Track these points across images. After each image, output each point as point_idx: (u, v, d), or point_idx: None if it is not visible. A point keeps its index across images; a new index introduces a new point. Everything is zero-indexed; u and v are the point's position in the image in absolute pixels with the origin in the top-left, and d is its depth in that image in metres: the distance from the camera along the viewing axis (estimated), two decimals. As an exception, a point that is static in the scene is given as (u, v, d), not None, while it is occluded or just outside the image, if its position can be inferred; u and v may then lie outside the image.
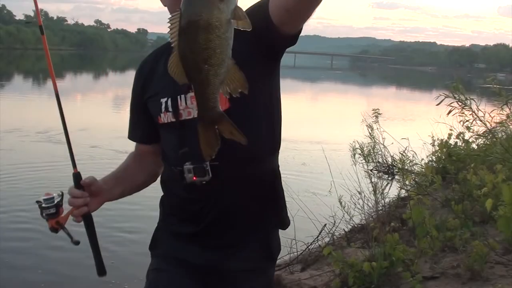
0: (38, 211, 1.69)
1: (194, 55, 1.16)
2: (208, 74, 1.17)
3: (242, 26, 1.15)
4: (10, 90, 23.39)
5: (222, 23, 1.13)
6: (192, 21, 1.13)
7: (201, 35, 1.13)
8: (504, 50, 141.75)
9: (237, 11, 1.15)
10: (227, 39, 1.15)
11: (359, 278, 3.39)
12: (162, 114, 1.62)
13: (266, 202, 1.64)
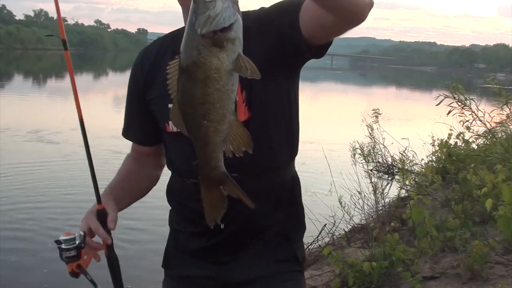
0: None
1: (192, 109, 1.06)
2: (208, 131, 1.07)
3: (250, 75, 1.04)
4: (6, 90, 23.39)
5: (222, 75, 1.03)
6: (189, 71, 1.04)
7: (198, 88, 1.04)
8: (504, 50, 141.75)
9: (240, 61, 1.04)
10: (228, 92, 1.05)
11: (359, 278, 3.39)
12: (170, 122, 1.47)
13: (287, 210, 1.57)
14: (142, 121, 1.62)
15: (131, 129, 1.69)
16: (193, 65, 1.03)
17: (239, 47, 1.04)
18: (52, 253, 5.12)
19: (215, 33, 1.00)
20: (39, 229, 5.58)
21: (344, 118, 16.17)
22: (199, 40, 1.01)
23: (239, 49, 1.04)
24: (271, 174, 1.50)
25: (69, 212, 6.00)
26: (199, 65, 1.02)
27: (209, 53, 1.01)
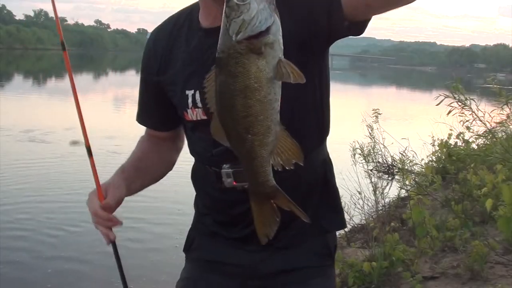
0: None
1: (235, 123, 0.99)
2: (253, 145, 1.00)
3: (294, 81, 0.96)
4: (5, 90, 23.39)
5: (263, 84, 0.95)
6: (227, 83, 0.96)
7: (239, 100, 0.96)
8: (504, 50, 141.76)
9: (281, 66, 0.95)
10: (271, 102, 0.97)
11: (359, 278, 3.39)
12: (189, 110, 1.41)
13: (319, 196, 1.46)
14: (158, 107, 1.54)
15: (146, 114, 1.60)
16: (231, 76, 0.95)
17: (279, 51, 0.96)
18: (53, 253, 5.12)
19: (251, 38, 0.93)
20: (39, 228, 5.58)
21: (344, 118, 16.18)
22: (234, 48, 0.94)
23: (280, 53, 0.96)
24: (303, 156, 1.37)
25: (69, 211, 6.01)
26: (237, 75, 0.95)
27: (247, 61, 0.94)
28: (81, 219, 5.39)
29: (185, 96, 1.41)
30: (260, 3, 0.94)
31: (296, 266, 1.45)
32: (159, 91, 1.49)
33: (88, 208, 1.45)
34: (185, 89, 1.41)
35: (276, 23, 0.95)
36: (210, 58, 1.29)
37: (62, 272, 4.60)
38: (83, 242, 5.11)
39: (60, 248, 5.13)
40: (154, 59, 1.49)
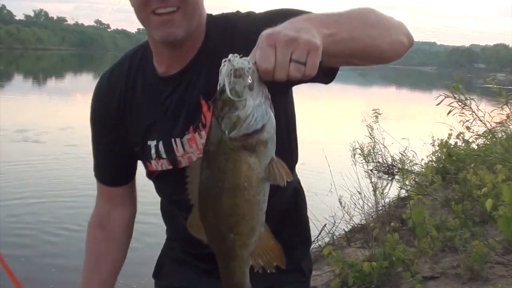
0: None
1: (218, 221, 0.95)
2: (234, 244, 0.96)
3: (283, 183, 0.92)
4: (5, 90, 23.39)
5: (253, 184, 0.90)
6: (215, 178, 0.91)
7: (225, 199, 0.91)
8: (504, 50, 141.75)
9: (273, 167, 0.91)
10: (259, 203, 0.93)
11: (359, 278, 3.39)
12: (153, 161, 1.39)
13: (290, 225, 1.50)
14: (116, 155, 1.49)
15: (103, 168, 1.53)
16: (220, 172, 0.90)
17: (272, 150, 0.92)
18: (54, 252, 5.10)
19: (245, 136, 0.88)
20: (40, 228, 5.58)
21: (344, 118, 16.17)
22: (226, 144, 0.89)
23: (272, 152, 0.92)
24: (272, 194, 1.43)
25: (69, 209, 6.01)
26: (227, 171, 0.90)
27: (239, 158, 0.88)
28: (81, 218, 5.38)
29: (147, 146, 1.38)
30: (256, 98, 0.89)
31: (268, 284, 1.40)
32: (118, 135, 1.44)
33: None
34: (147, 140, 1.38)
35: (271, 120, 0.91)
36: (169, 107, 1.33)
37: (66, 271, 4.60)
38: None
39: (61, 246, 5.13)
40: (109, 103, 1.43)
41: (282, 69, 0.90)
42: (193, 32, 1.29)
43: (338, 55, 1.07)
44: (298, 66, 0.91)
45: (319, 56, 0.93)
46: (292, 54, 0.91)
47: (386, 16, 1.20)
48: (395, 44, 1.18)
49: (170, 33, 1.24)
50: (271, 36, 0.92)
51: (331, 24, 1.04)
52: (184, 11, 1.24)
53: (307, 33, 0.94)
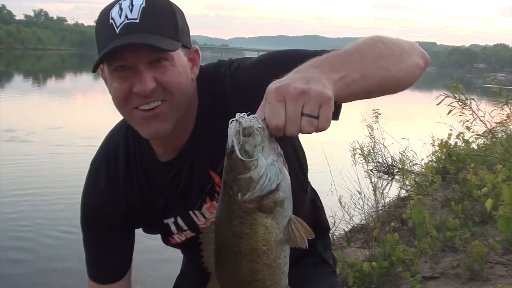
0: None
1: (236, 286, 0.90)
2: None
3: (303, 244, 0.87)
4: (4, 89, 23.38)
5: (272, 247, 0.85)
6: (231, 244, 0.86)
7: (244, 264, 0.86)
8: (504, 50, 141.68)
9: (292, 228, 0.86)
10: (280, 266, 0.88)
11: (359, 278, 3.39)
12: (175, 236, 1.39)
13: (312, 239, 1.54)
14: (116, 251, 1.42)
15: (101, 265, 1.44)
16: (235, 237, 0.85)
17: (289, 209, 0.87)
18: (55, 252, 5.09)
19: (260, 198, 0.83)
20: (39, 229, 5.57)
21: (344, 118, 16.13)
22: (240, 206, 0.84)
23: (290, 212, 0.87)
24: None
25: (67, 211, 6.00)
26: (243, 236, 0.85)
27: (254, 221, 0.84)
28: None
29: (164, 225, 1.36)
30: (268, 157, 0.84)
31: (297, 278, 1.46)
32: (124, 228, 1.38)
33: None
34: (163, 219, 1.36)
35: (286, 178, 0.87)
36: (179, 186, 1.30)
37: (70, 273, 4.59)
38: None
39: (69, 248, 5.12)
40: (118, 200, 1.35)
41: (293, 125, 0.86)
42: (184, 115, 1.21)
43: (352, 95, 1.03)
44: (310, 121, 0.87)
45: (332, 107, 0.89)
46: (304, 107, 0.86)
47: (395, 41, 1.14)
48: (411, 69, 1.13)
49: (157, 130, 1.16)
50: (279, 90, 0.87)
51: (341, 66, 0.98)
52: (170, 103, 1.15)
53: (317, 84, 0.89)
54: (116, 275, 1.44)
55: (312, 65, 0.96)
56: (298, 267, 1.48)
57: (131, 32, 1.10)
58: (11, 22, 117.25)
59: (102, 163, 1.36)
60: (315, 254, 1.55)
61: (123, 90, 1.13)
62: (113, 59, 1.12)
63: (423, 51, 1.18)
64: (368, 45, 1.08)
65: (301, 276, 1.47)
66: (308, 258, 1.53)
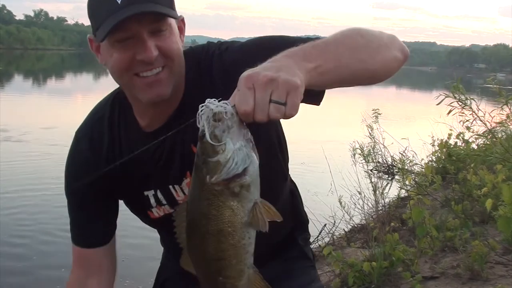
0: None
1: (206, 265, 0.96)
2: (224, 287, 0.96)
3: (264, 228, 0.92)
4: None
5: (237, 228, 0.90)
6: (199, 224, 0.91)
7: (211, 244, 0.92)
8: (504, 50, 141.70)
9: (257, 212, 0.90)
10: (244, 246, 0.93)
11: (359, 278, 3.39)
12: (154, 209, 1.39)
13: (291, 222, 1.57)
14: (98, 218, 1.43)
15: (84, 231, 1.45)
16: (204, 218, 0.90)
17: (255, 193, 0.91)
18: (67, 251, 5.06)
19: (226, 181, 0.88)
20: (40, 231, 5.57)
21: (344, 118, 16.18)
22: (208, 189, 0.88)
23: (256, 195, 0.91)
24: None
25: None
26: (210, 217, 0.89)
27: (221, 203, 0.88)
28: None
29: (144, 197, 1.37)
30: (237, 142, 0.88)
31: (276, 273, 1.50)
32: (105, 193, 1.40)
33: None
34: (143, 190, 1.37)
35: (254, 163, 0.90)
36: (161, 159, 1.32)
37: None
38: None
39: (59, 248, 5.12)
40: (97, 165, 1.36)
41: (261, 111, 0.90)
42: (176, 84, 1.26)
43: (326, 84, 1.08)
44: (277, 107, 0.90)
45: (299, 95, 0.93)
46: (272, 95, 0.90)
47: (375, 33, 1.18)
48: (388, 62, 1.18)
49: (158, 94, 1.21)
50: (250, 77, 0.91)
51: (316, 56, 1.02)
52: (170, 68, 1.21)
53: (288, 72, 0.93)
54: (98, 240, 1.45)
55: (287, 55, 1.00)
56: (279, 261, 1.55)
57: (132, 2, 1.13)
58: (11, 22, 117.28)
59: (87, 133, 1.40)
60: (296, 247, 1.58)
61: (126, 59, 1.17)
62: (116, 31, 1.14)
63: (403, 45, 1.22)
64: (346, 37, 1.12)
65: (282, 270, 1.53)
66: (289, 251, 1.56)
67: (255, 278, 0.98)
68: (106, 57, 1.22)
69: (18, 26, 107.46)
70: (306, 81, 0.96)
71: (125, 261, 4.55)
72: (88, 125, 1.41)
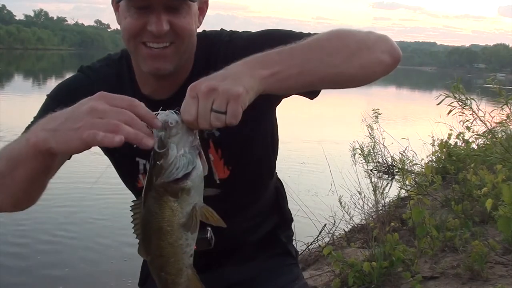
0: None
1: (150, 258, 1.02)
2: (166, 282, 1.03)
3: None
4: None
5: (174, 228, 0.96)
6: (146, 219, 0.98)
7: (153, 240, 0.98)
8: (504, 50, 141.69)
9: (193, 216, 0.96)
10: (182, 247, 0.98)
11: (359, 278, 3.39)
12: (140, 176, 1.38)
13: (275, 219, 1.58)
14: None
15: None
16: (149, 214, 0.97)
17: (195, 198, 0.96)
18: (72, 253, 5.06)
19: (167, 183, 0.94)
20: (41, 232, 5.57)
21: (344, 118, 16.17)
22: (154, 189, 0.95)
23: (196, 200, 0.97)
24: (255, 203, 1.50)
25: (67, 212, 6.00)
26: (153, 214, 0.96)
27: (163, 203, 0.95)
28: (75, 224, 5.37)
29: (135, 162, 1.35)
30: (181, 149, 0.94)
31: (260, 270, 1.53)
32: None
33: None
34: (135, 156, 1.36)
35: (197, 169, 0.95)
36: None
37: (77, 271, 4.58)
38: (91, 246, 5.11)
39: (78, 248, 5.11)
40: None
41: (203, 119, 0.94)
42: (182, 64, 1.27)
43: (291, 89, 1.10)
44: (218, 116, 0.93)
45: (240, 103, 0.94)
46: (213, 104, 0.93)
47: (358, 35, 1.16)
48: (368, 66, 1.15)
49: (159, 68, 1.22)
50: (193, 87, 0.95)
51: (277, 62, 1.03)
52: (177, 46, 1.22)
53: (232, 81, 0.96)
54: None
55: (245, 61, 1.03)
56: (262, 258, 1.55)
57: None
58: (11, 22, 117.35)
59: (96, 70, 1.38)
60: (279, 244, 1.59)
61: (137, 26, 1.19)
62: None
63: (394, 47, 1.20)
64: (319, 41, 1.12)
65: (265, 267, 1.54)
66: (272, 248, 1.57)
67: (193, 279, 1.03)
68: (121, 18, 1.23)
69: (18, 26, 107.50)
70: (260, 87, 0.99)
71: (128, 261, 4.57)
72: (97, 64, 1.41)
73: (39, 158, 0.97)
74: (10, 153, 1.05)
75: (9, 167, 1.04)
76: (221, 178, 1.33)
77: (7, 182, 1.06)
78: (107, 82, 1.33)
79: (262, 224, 1.54)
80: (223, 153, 1.34)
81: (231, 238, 1.38)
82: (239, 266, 1.50)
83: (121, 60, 1.39)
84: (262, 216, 1.54)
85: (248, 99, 0.97)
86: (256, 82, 0.99)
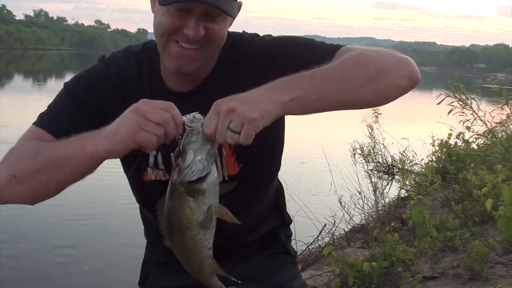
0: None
1: (176, 251, 1.15)
2: (192, 270, 1.17)
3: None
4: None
5: (193, 225, 1.08)
6: (169, 217, 1.10)
7: (176, 234, 1.10)
8: (504, 50, 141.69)
9: (209, 213, 1.08)
10: (201, 241, 1.10)
11: (359, 278, 3.39)
12: (149, 169, 1.36)
13: (274, 220, 1.60)
14: (78, 127, 1.23)
15: (63, 125, 1.29)
16: (171, 211, 1.08)
17: (212, 199, 1.07)
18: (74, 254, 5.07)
19: (183, 184, 1.05)
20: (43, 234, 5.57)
21: (344, 118, 16.15)
22: (176, 186, 1.06)
23: (211, 201, 1.08)
24: (258, 203, 1.53)
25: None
26: (175, 212, 1.08)
27: (182, 201, 1.06)
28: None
29: (144, 153, 1.27)
30: (198, 155, 1.05)
31: (258, 269, 1.55)
32: (104, 119, 1.19)
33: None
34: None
35: (211, 175, 1.06)
36: None
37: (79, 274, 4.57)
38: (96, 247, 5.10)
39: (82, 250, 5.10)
40: (113, 89, 1.33)
41: (220, 135, 1.05)
42: (205, 64, 1.32)
43: (309, 111, 1.17)
44: (232, 135, 1.04)
45: (254, 127, 1.05)
46: (230, 123, 1.04)
47: (379, 59, 1.21)
48: (384, 91, 1.21)
49: (182, 66, 1.27)
50: (218, 104, 1.06)
51: (297, 88, 1.12)
52: (206, 50, 1.26)
53: (250, 105, 1.06)
54: (62, 134, 1.23)
55: (267, 87, 1.12)
56: (262, 256, 1.58)
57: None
58: (11, 22, 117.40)
59: (115, 61, 1.39)
60: (279, 243, 1.61)
61: (175, 26, 1.23)
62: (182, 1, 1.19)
63: (414, 69, 1.24)
64: (340, 69, 1.19)
65: (265, 265, 1.57)
66: (272, 247, 1.59)
67: (215, 266, 1.16)
68: (158, 11, 1.25)
69: (18, 26, 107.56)
70: (279, 112, 1.10)
71: (139, 259, 4.52)
72: (117, 56, 1.41)
73: (90, 164, 1.11)
74: (55, 155, 1.14)
75: (49, 169, 1.14)
76: (230, 174, 1.33)
77: (40, 180, 1.14)
78: (126, 73, 1.37)
79: (263, 223, 1.57)
80: (235, 149, 1.35)
81: (232, 237, 1.39)
82: (239, 264, 1.51)
83: (142, 52, 1.41)
84: (263, 216, 1.56)
85: (262, 124, 1.07)
86: (275, 107, 1.09)
